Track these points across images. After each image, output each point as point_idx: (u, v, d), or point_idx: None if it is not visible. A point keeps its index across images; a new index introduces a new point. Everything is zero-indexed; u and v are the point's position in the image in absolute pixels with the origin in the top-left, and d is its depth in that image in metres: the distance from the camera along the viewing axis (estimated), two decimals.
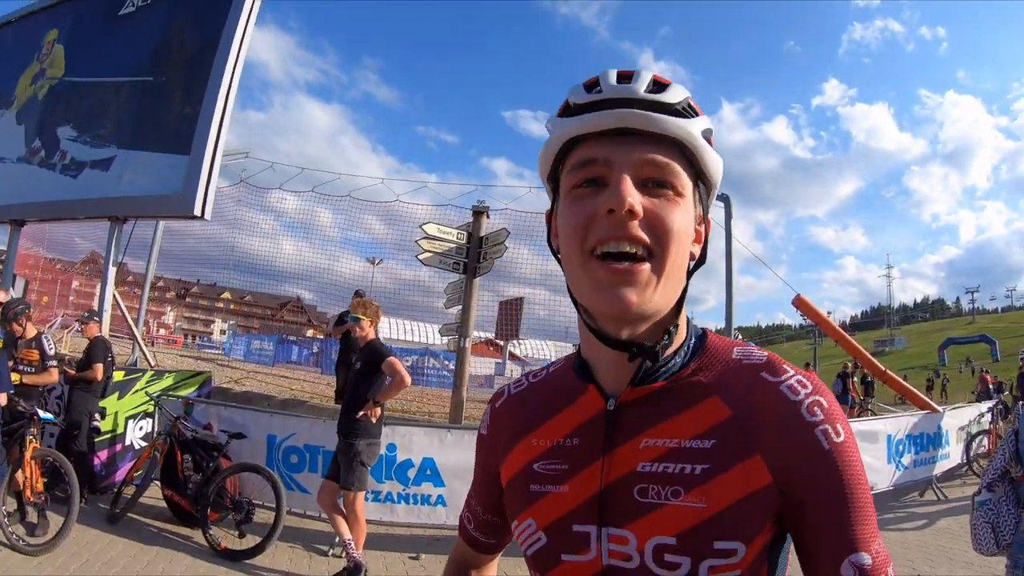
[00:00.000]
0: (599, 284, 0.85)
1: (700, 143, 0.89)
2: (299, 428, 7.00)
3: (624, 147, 0.87)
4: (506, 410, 1.11)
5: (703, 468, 0.84)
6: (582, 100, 0.90)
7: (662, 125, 0.86)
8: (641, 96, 0.87)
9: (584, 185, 0.89)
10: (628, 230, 0.84)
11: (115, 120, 9.87)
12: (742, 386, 0.89)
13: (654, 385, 0.92)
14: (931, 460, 9.98)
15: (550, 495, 0.94)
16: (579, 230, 0.87)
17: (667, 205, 0.87)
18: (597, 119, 0.87)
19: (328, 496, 5.49)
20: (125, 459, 7.73)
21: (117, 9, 10.44)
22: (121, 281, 13.21)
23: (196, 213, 8.30)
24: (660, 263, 0.85)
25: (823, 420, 0.85)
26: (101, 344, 7.52)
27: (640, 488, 0.86)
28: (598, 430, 0.93)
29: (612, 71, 0.91)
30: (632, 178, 0.85)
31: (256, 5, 9.12)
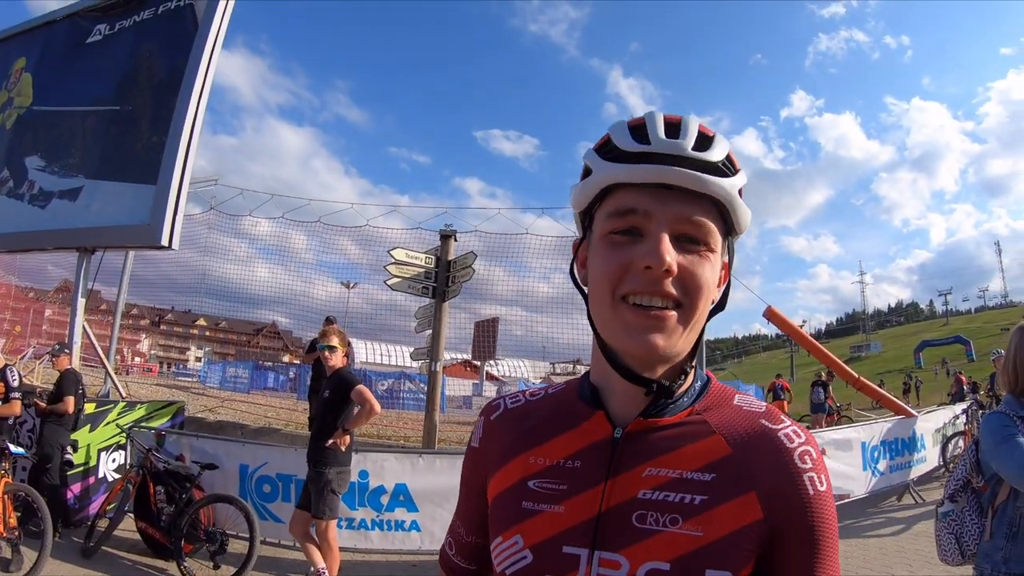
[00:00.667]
0: (629, 328, 0.89)
1: (737, 202, 0.92)
2: (271, 457, 6.95)
3: (665, 201, 0.89)
4: (502, 424, 1.11)
5: (702, 499, 0.88)
6: (629, 148, 0.91)
7: (705, 185, 0.88)
8: (688, 154, 0.89)
9: (621, 232, 0.91)
10: (662, 287, 0.87)
11: (83, 150, 9.79)
12: (742, 429, 0.95)
13: (661, 419, 0.95)
14: (907, 465, 10.09)
15: (543, 514, 0.95)
16: (613, 276, 0.90)
17: (699, 262, 0.90)
18: (644, 172, 0.89)
19: (300, 525, 5.45)
20: (98, 492, 7.63)
21: (85, 37, 10.38)
22: (94, 309, 13.07)
23: (163, 243, 8.23)
24: (688, 314, 0.90)
25: (811, 468, 0.91)
26: (72, 377, 7.43)
27: (639, 514, 0.89)
28: (603, 456, 0.95)
29: (659, 119, 0.93)
30: (668, 232, 0.88)
31: (222, 32, 9.11)
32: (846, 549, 7.20)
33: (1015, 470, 2.38)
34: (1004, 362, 2.71)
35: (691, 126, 0.92)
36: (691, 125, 0.92)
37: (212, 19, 8.94)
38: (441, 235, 9.34)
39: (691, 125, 0.92)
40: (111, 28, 10.15)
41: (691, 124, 0.92)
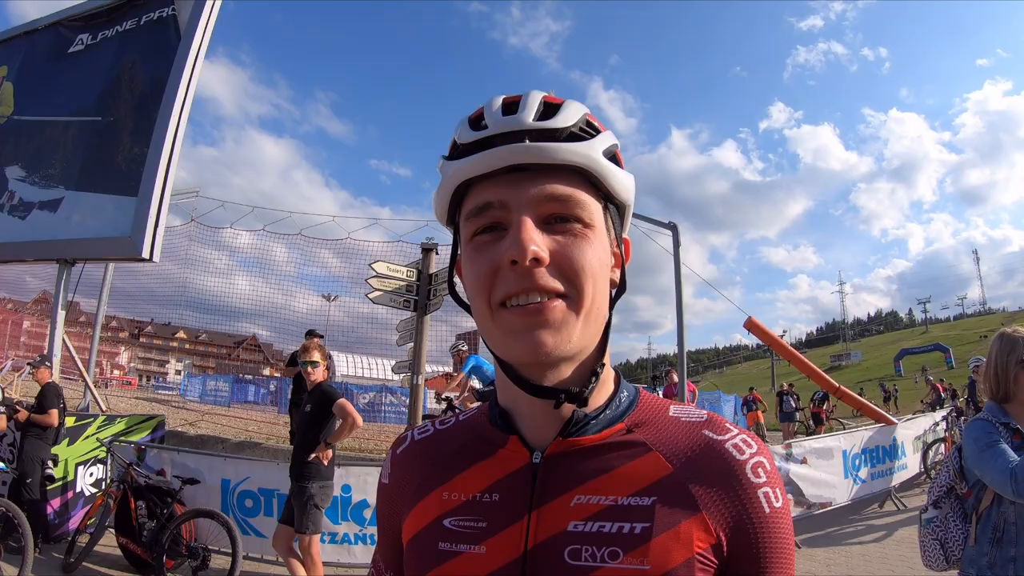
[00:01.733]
0: (511, 330, 0.79)
1: (602, 165, 0.83)
2: (252, 471, 6.90)
3: (520, 185, 0.80)
4: (411, 458, 0.99)
5: (643, 527, 0.77)
6: (468, 139, 0.83)
7: (556, 155, 0.79)
8: (529, 126, 0.80)
9: (485, 231, 0.82)
10: (536, 280, 0.77)
11: (64, 160, 9.70)
12: (683, 443, 0.84)
13: (585, 438, 0.85)
14: (889, 472, 10.19)
15: (462, 556, 0.83)
16: (484, 282, 0.80)
17: (575, 242, 0.80)
18: (485, 160, 0.81)
19: (283, 540, 5.41)
20: (77, 507, 7.55)
21: (67, 47, 10.31)
22: (73, 321, 12.92)
23: (144, 256, 8.17)
24: (576, 302, 0.79)
25: (766, 483, 0.82)
26: (53, 389, 7.36)
27: (572, 550, 0.77)
28: (523, 486, 0.84)
29: (498, 99, 0.85)
30: (534, 217, 0.79)
31: (205, 43, 9.08)
32: (828, 556, 7.25)
33: (998, 476, 2.41)
34: (985, 369, 2.74)
35: (532, 99, 0.83)
36: (532, 98, 0.83)
37: (195, 30, 8.92)
38: (423, 248, 9.36)
39: (532, 98, 0.83)
40: (93, 38, 10.09)
41: (532, 97, 0.84)
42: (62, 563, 6.42)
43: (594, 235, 0.82)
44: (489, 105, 0.84)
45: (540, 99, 0.83)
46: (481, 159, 0.80)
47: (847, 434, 10.23)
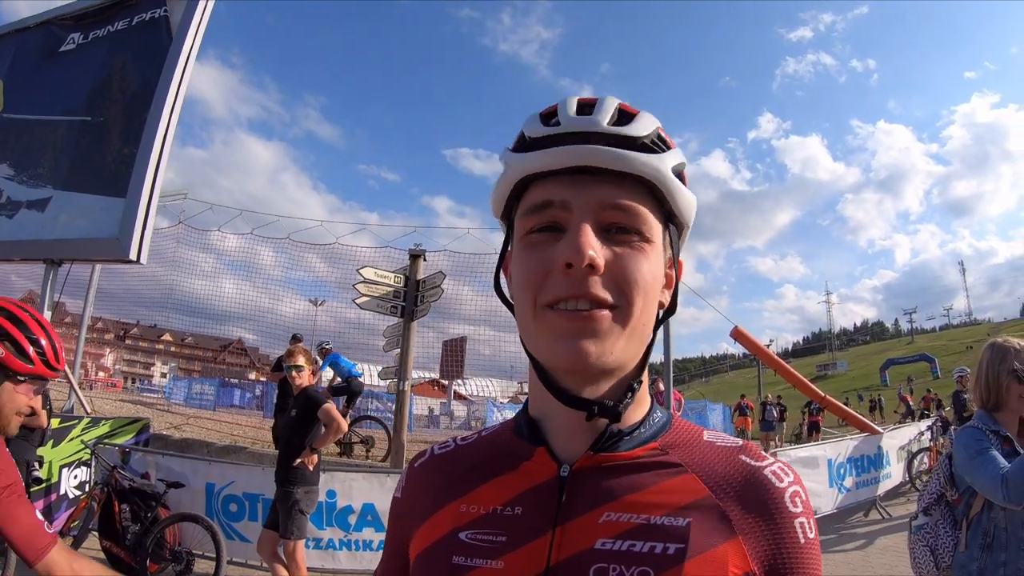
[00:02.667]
0: (555, 334, 0.76)
1: (670, 181, 0.80)
2: (237, 476, 6.88)
3: (584, 188, 0.78)
4: (428, 472, 0.94)
5: (677, 548, 0.73)
6: (538, 134, 0.81)
7: (627, 163, 0.77)
8: (604, 129, 0.78)
9: (540, 230, 0.80)
10: (588, 287, 0.75)
11: (53, 160, 9.62)
12: (719, 467, 0.82)
13: (617, 454, 0.82)
14: (874, 481, 10.27)
15: (478, 571, 0.78)
16: (533, 282, 0.78)
17: (632, 254, 0.78)
18: (554, 156, 0.78)
19: (268, 545, 5.39)
20: (60, 509, 7.47)
21: (58, 46, 10.23)
22: (58, 322, 12.82)
23: (131, 257, 8.10)
24: (625, 315, 0.77)
25: (802, 512, 0.80)
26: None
27: (598, 568, 0.73)
28: (549, 499, 0.80)
29: (573, 100, 0.82)
30: (593, 224, 0.77)
31: (197, 44, 9.05)
32: None
33: (989, 482, 2.42)
34: (975, 378, 2.74)
35: (608, 103, 0.81)
36: (608, 102, 0.81)
37: (187, 31, 8.88)
38: (410, 254, 9.37)
39: (608, 102, 0.81)
40: (85, 37, 10.02)
41: (608, 101, 0.81)
42: None
43: (652, 251, 0.80)
44: (564, 103, 0.82)
45: (616, 105, 0.81)
46: (550, 155, 0.79)
47: (832, 443, 10.29)
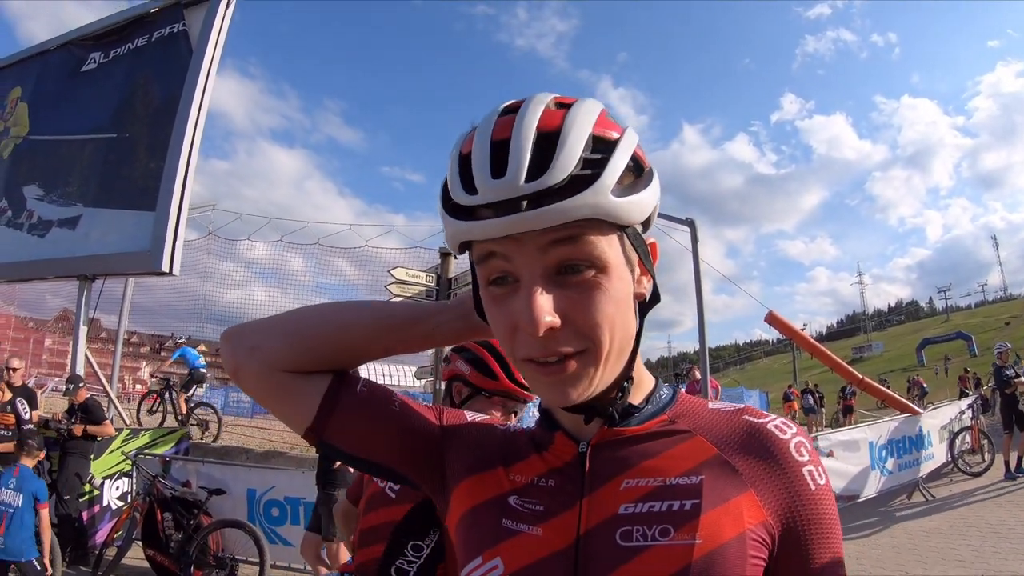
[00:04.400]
0: (537, 383, 0.80)
1: (609, 208, 0.74)
2: (278, 480, 6.94)
3: (523, 242, 0.74)
4: (481, 432, 1.02)
5: (693, 503, 0.78)
6: (462, 202, 0.76)
7: (557, 218, 0.72)
8: (522, 191, 0.71)
9: (496, 282, 0.79)
10: (553, 347, 0.76)
11: (81, 178, 9.82)
12: (725, 428, 0.87)
13: (629, 429, 0.88)
14: (915, 462, 10.08)
15: (523, 536, 0.85)
16: (506, 340, 0.80)
17: (589, 296, 0.76)
18: (482, 231, 0.75)
19: (311, 548, 5.41)
20: (104, 520, 7.61)
21: (79, 66, 10.43)
22: (94, 337, 13.06)
23: (164, 269, 8.25)
24: (595, 355, 0.78)
25: (809, 461, 0.83)
26: (97, 405, 7.51)
27: (623, 531, 0.79)
28: (574, 474, 0.87)
29: (485, 149, 0.75)
30: (542, 273, 0.75)
31: (217, 57, 9.16)
32: (858, 550, 7.17)
33: None
34: None
35: (523, 146, 0.73)
36: (523, 144, 0.73)
37: (206, 44, 8.99)
38: (441, 253, 9.33)
39: (523, 144, 0.73)
40: (106, 56, 10.21)
41: (523, 142, 0.73)
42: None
43: (609, 278, 0.77)
44: (479, 155, 0.76)
45: (531, 141, 0.73)
46: (479, 229, 0.75)
47: (872, 425, 10.12)
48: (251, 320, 1.03)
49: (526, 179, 0.72)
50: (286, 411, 0.97)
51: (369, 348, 0.98)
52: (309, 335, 0.96)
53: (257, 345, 0.96)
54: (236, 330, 1.00)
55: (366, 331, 0.97)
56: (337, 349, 0.97)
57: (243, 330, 1.00)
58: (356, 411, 0.97)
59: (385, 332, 0.98)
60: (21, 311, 21.46)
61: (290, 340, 0.95)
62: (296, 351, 0.95)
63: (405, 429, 0.99)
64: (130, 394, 42.64)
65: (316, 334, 0.96)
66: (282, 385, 0.96)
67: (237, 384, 1.00)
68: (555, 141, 0.73)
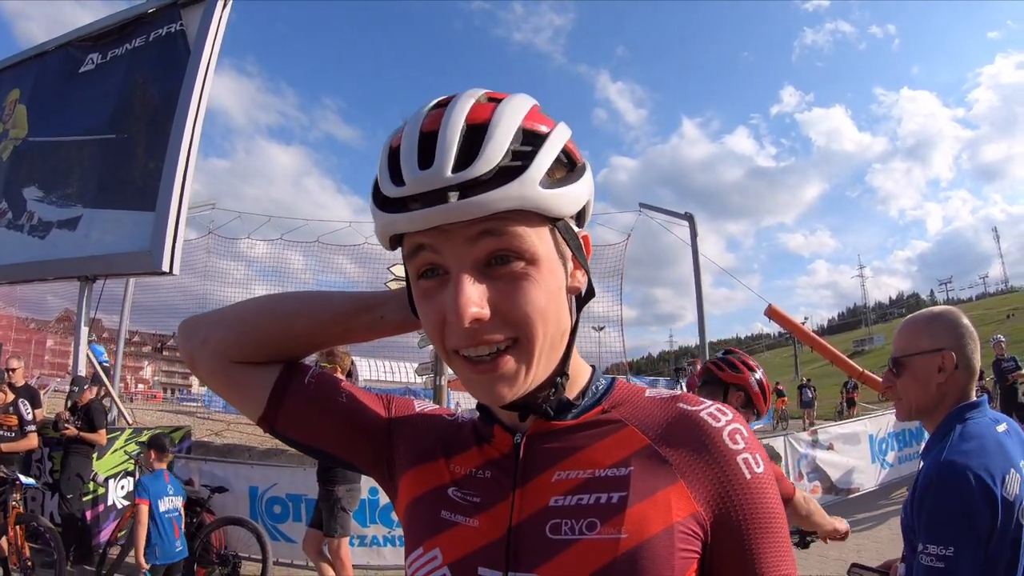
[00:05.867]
0: (469, 380, 0.80)
1: (539, 199, 0.74)
2: (280, 478, 6.97)
3: (451, 233, 0.74)
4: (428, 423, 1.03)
5: (620, 496, 0.78)
6: (390, 194, 0.76)
7: (484, 209, 0.71)
8: (448, 181, 0.71)
9: (426, 275, 0.78)
10: (481, 336, 0.75)
11: (80, 179, 9.80)
12: (658, 417, 0.85)
13: (563, 422, 0.87)
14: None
15: (459, 527, 0.86)
16: (435, 331, 0.79)
17: (518, 287, 0.75)
18: (409, 223, 0.74)
19: (313, 544, 5.45)
20: (108, 520, 7.61)
21: (77, 67, 10.40)
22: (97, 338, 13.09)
23: (164, 269, 8.25)
24: (527, 348, 0.77)
25: (744, 448, 0.81)
26: (100, 408, 7.48)
27: (552, 524, 0.79)
28: (508, 464, 0.87)
29: (414, 138, 0.75)
30: (470, 264, 0.75)
31: (214, 56, 9.14)
32: (859, 543, 7.19)
33: None
34: None
35: (450, 135, 0.73)
36: (450, 134, 0.73)
37: (204, 44, 8.97)
38: None
39: (450, 134, 0.73)
40: (103, 57, 10.19)
41: (450, 132, 0.73)
42: (93, 575, 6.50)
43: (539, 270, 0.77)
44: (407, 145, 0.76)
45: (460, 132, 0.73)
46: (406, 221, 0.74)
47: (873, 419, 10.15)
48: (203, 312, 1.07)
49: (453, 169, 0.72)
50: (239, 401, 1.02)
51: (314, 338, 1.01)
52: (255, 326, 0.99)
53: (207, 338, 0.99)
54: (189, 322, 1.03)
55: (310, 321, 0.99)
56: (284, 339, 1.00)
57: (195, 322, 1.03)
58: (304, 401, 1.00)
59: (329, 323, 0.99)
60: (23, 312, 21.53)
61: (237, 332, 0.99)
62: (243, 342, 0.98)
63: (352, 419, 1.01)
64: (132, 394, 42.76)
65: (261, 325, 0.99)
66: (233, 376, 1.00)
67: (194, 373, 1.04)
68: (483, 133, 0.73)
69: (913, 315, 2.07)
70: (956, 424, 1.85)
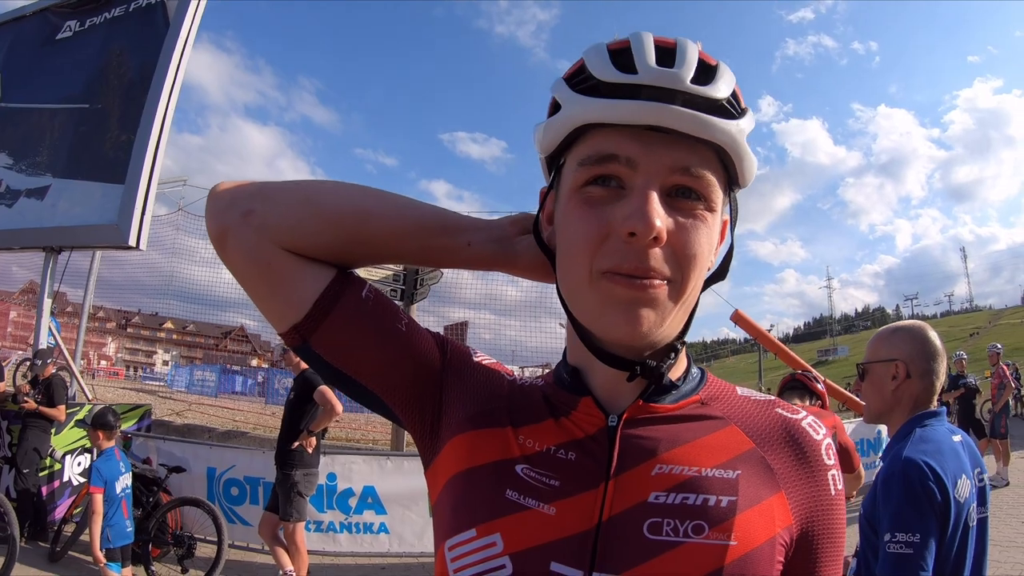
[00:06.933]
0: (612, 300, 0.71)
1: (743, 149, 0.74)
2: (238, 460, 6.94)
3: (654, 148, 0.71)
4: (491, 377, 0.91)
5: (729, 500, 0.73)
6: (610, 79, 0.71)
7: (708, 129, 0.70)
8: (686, 88, 0.70)
9: (598, 182, 0.73)
10: (648, 261, 0.70)
11: (51, 148, 9.61)
12: (758, 419, 0.82)
13: (664, 407, 0.80)
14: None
15: (530, 512, 0.75)
16: (590, 246, 0.72)
17: (695, 226, 0.73)
18: (629, 111, 0.70)
19: (269, 528, 5.43)
20: (64, 496, 7.51)
21: (55, 34, 10.20)
22: (60, 311, 12.84)
23: (131, 243, 8.11)
24: (680, 289, 0.73)
25: (834, 465, 0.80)
26: (60, 383, 7.35)
27: (652, 523, 0.71)
28: (600, 449, 0.78)
29: (648, 40, 0.73)
30: (659, 188, 0.71)
31: (194, 31, 9.01)
32: None
33: None
34: None
35: (690, 53, 0.72)
36: (689, 51, 0.72)
37: (184, 17, 8.84)
38: None
39: (689, 51, 0.72)
40: (82, 25, 9.99)
41: (689, 49, 0.72)
42: (48, 552, 6.41)
43: (713, 220, 0.75)
44: (640, 44, 0.72)
45: (697, 54, 0.73)
46: (625, 108, 0.70)
47: None
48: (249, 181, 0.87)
49: (692, 80, 0.71)
50: (273, 298, 0.83)
51: (387, 246, 0.86)
52: (322, 212, 0.82)
53: (253, 209, 0.81)
54: (229, 188, 0.84)
55: (389, 226, 0.84)
56: (350, 238, 0.83)
57: (239, 190, 0.84)
58: (355, 318, 0.83)
59: (410, 234, 0.85)
60: None
61: (298, 212, 0.81)
62: (302, 227, 0.81)
63: (406, 354, 0.87)
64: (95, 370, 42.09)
65: (331, 213, 0.82)
66: (275, 266, 0.81)
67: (219, 253, 0.83)
68: (713, 72, 0.73)
69: (885, 326, 2.21)
70: (916, 428, 1.98)
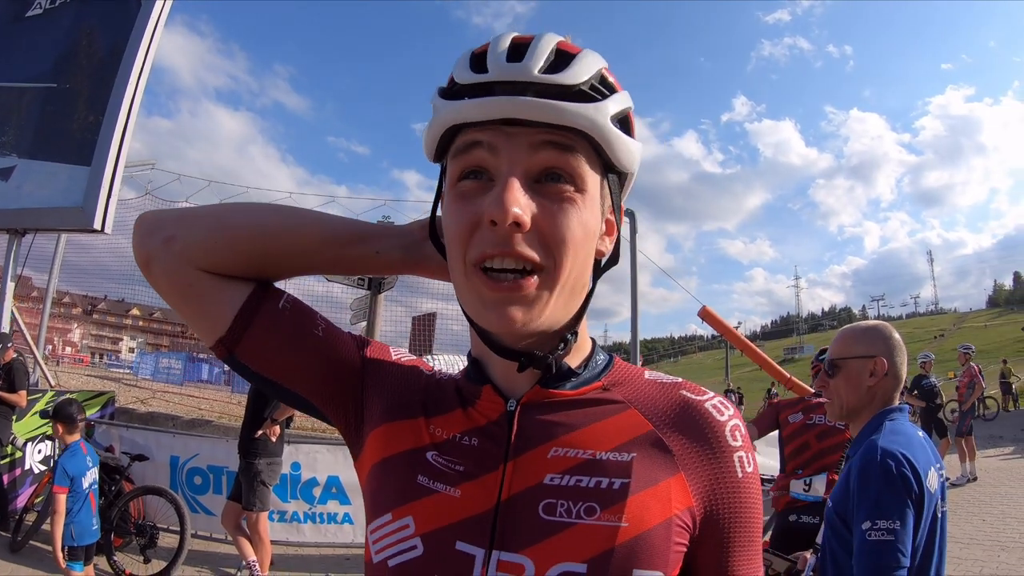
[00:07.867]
0: (482, 300, 0.75)
1: (607, 132, 0.75)
2: (202, 448, 6.89)
3: (515, 135, 0.73)
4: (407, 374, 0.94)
5: (622, 483, 0.74)
6: (466, 80, 0.76)
7: (559, 115, 0.72)
8: (534, 79, 0.72)
9: (469, 176, 0.76)
10: (512, 246, 0.72)
11: (17, 128, 9.42)
12: (661, 402, 0.83)
13: (562, 392, 0.83)
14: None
15: (438, 495, 0.79)
16: (462, 237, 0.75)
17: (563, 208, 0.74)
18: (480, 108, 0.73)
19: (232, 517, 5.39)
20: (24, 484, 7.37)
21: (24, 10, 9.96)
22: (24, 296, 12.59)
23: (96, 227, 7.97)
24: (552, 277, 0.74)
25: (741, 447, 0.80)
26: (22, 368, 7.18)
27: (547, 504, 0.74)
28: (501, 432, 0.81)
29: (506, 39, 0.77)
30: (522, 173, 0.73)
31: (166, 10, 8.88)
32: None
33: None
34: None
35: (544, 43, 0.75)
36: (543, 43, 0.75)
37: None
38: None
39: (543, 43, 0.75)
40: (52, 2, 9.76)
41: (544, 42, 0.75)
42: (9, 542, 6.30)
43: (584, 201, 0.76)
44: (495, 44, 0.76)
45: (552, 46, 0.75)
46: (477, 106, 0.74)
47: None
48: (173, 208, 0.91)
49: (541, 70, 0.73)
50: (197, 316, 0.88)
51: (299, 260, 0.90)
52: (234, 233, 0.86)
53: (174, 236, 0.85)
54: (152, 216, 0.89)
55: (298, 241, 0.89)
56: (264, 255, 0.88)
57: (161, 217, 0.89)
58: (275, 328, 0.88)
59: (321, 246, 0.89)
60: None
61: (214, 235, 0.86)
62: (218, 249, 0.85)
63: (326, 356, 0.91)
64: (59, 356, 41.31)
65: (243, 233, 0.87)
66: (196, 286, 0.86)
67: (147, 278, 0.88)
68: (571, 59, 0.76)
69: (850, 325, 2.27)
70: (885, 421, 2.02)
